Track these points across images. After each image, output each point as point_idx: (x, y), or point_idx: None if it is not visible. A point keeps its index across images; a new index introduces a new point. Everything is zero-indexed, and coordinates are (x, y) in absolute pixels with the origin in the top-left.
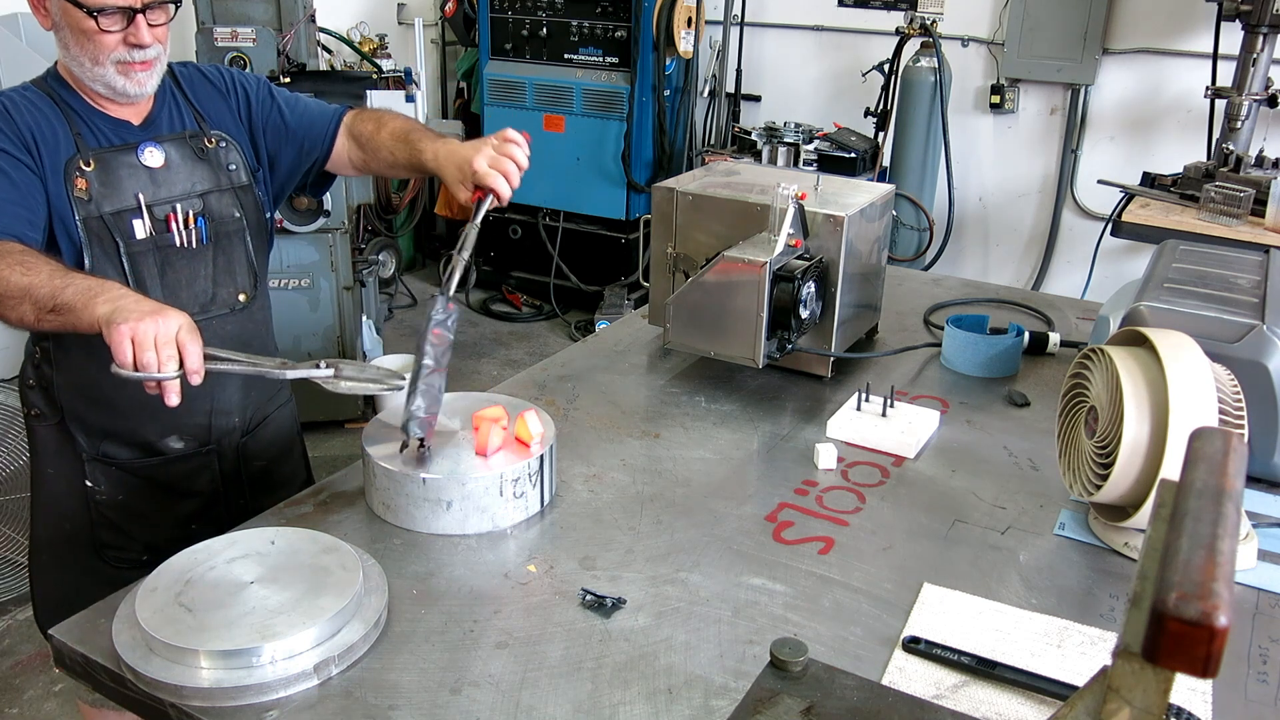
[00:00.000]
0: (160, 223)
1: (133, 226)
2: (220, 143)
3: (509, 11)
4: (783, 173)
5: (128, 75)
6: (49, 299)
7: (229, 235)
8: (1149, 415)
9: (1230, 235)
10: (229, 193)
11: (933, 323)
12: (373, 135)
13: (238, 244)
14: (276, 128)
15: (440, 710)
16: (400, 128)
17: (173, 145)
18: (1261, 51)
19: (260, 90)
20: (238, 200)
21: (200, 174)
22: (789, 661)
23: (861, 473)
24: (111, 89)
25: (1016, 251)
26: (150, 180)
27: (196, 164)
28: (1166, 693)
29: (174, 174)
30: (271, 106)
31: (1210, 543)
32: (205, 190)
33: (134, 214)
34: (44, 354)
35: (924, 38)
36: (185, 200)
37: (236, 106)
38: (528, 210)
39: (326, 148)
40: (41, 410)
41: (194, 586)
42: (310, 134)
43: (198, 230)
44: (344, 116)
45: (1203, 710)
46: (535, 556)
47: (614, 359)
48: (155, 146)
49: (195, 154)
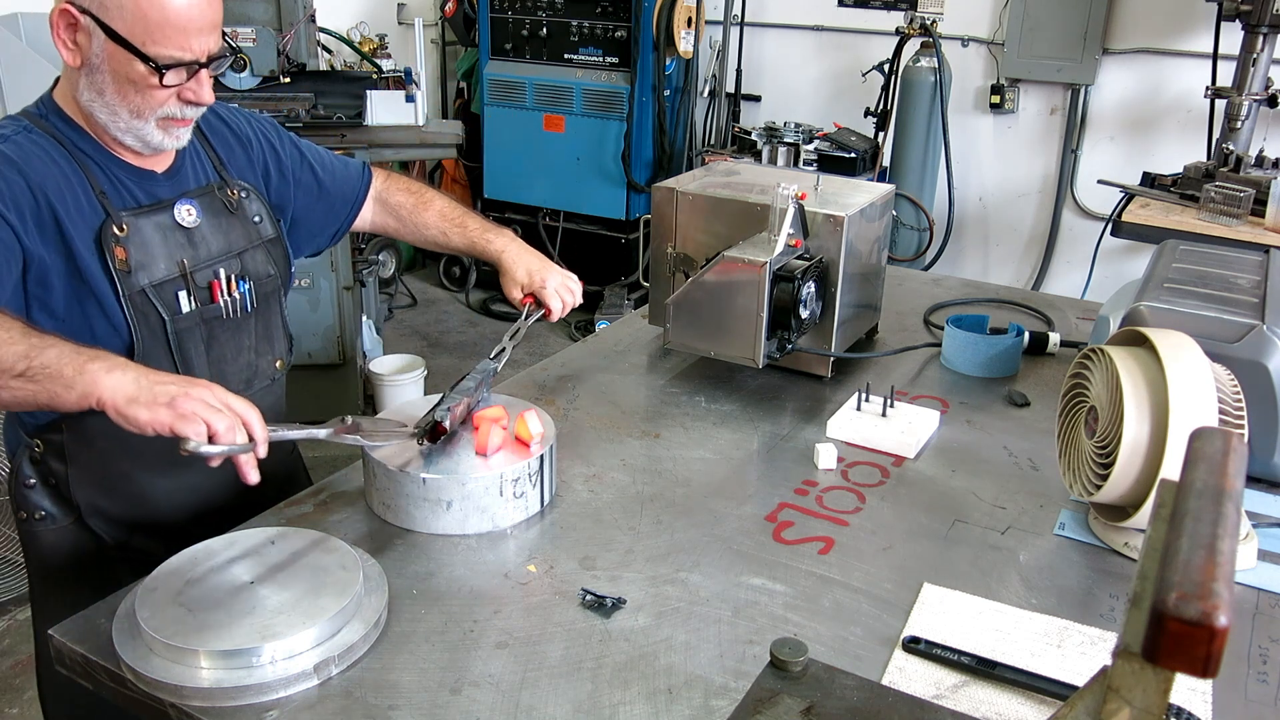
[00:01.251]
0: (203, 291)
1: (178, 299)
2: (243, 193)
3: (509, 11)
4: (783, 173)
5: (167, 130)
6: (19, 359)
7: (266, 297)
8: (1149, 415)
9: (1230, 235)
10: (261, 248)
11: (933, 323)
12: (414, 210)
13: (274, 306)
14: (309, 188)
15: (440, 710)
16: (449, 211)
17: (203, 200)
18: (1261, 51)
19: (286, 144)
20: (269, 255)
21: (234, 231)
22: (789, 661)
23: (861, 473)
24: (145, 143)
25: (1016, 251)
26: (189, 242)
27: (229, 220)
28: (1166, 693)
29: (209, 233)
30: (302, 164)
31: (1210, 543)
32: (241, 249)
33: (177, 284)
34: (49, 448)
35: (924, 38)
36: (224, 262)
37: (262, 159)
38: (528, 210)
39: (356, 211)
40: (48, 513)
41: (194, 586)
42: (342, 195)
43: (241, 296)
44: (372, 180)
45: (1203, 710)
46: (535, 556)
47: (614, 359)
48: (190, 203)
49: (226, 208)
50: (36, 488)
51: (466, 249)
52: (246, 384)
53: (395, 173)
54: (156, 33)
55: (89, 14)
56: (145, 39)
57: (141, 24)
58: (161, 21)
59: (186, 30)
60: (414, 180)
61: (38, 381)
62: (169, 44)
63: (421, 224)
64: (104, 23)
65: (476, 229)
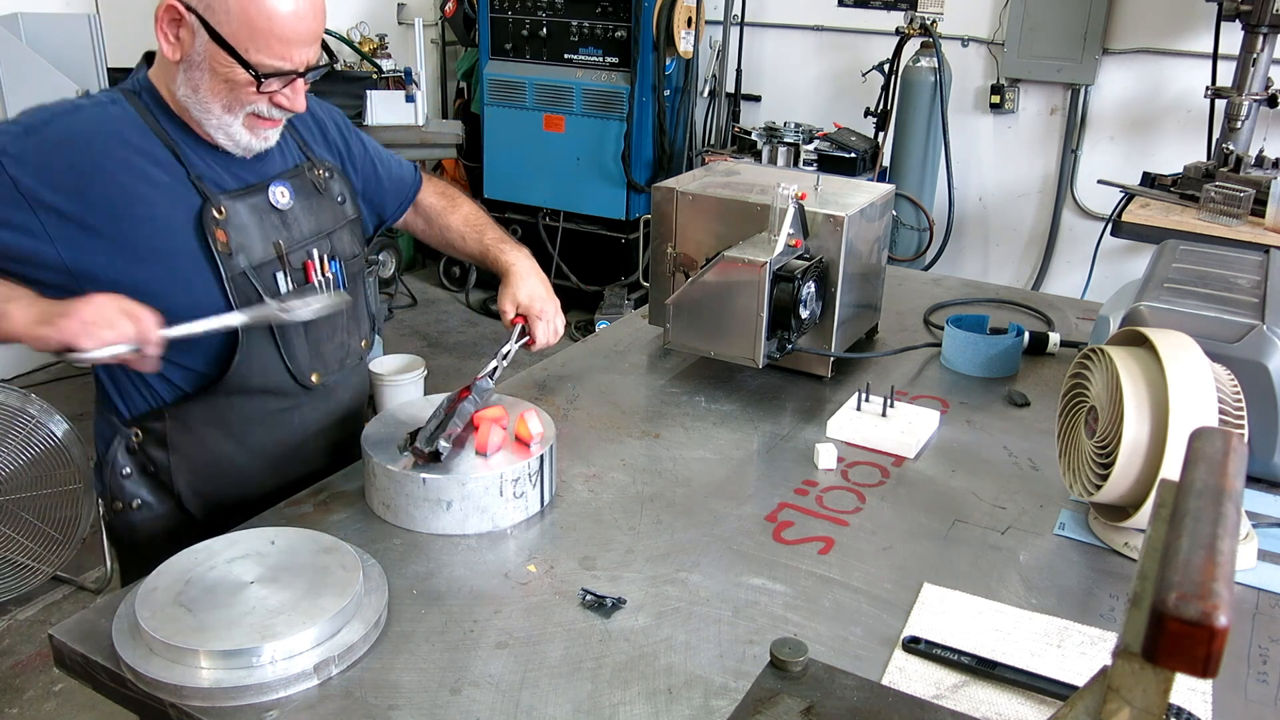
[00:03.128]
0: (298, 272)
1: (276, 280)
2: (327, 174)
3: (509, 11)
4: (783, 173)
5: (254, 130)
6: None
7: (353, 277)
8: (1149, 415)
9: (1230, 235)
10: (346, 229)
11: (933, 323)
12: (442, 213)
13: (360, 286)
14: (369, 180)
15: (440, 710)
16: (473, 217)
17: (295, 181)
18: (1261, 51)
19: (353, 134)
20: (354, 235)
21: (323, 211)
22: (789, 661)
23: (861, 473)
24: (234, 142)
25: (1016, 251)
26: (283, 224)
27: (318, 200)
28: (1166, 693)
29: (301, 214)
30: (365, 156)
31: (1210, 543)
32: (330, 229)
33: (274, 265)
34: (149, 436)
35: (924, 38)
36: (316, 242)
37: (336, 144)
38: (528, 210)
39: (404, 209)
40: (145, 501)
41: (194, 586)
42: (394, 193)
43: (334, 276)
44: (421, 183)
45: (1203, 710)
46: (535, 556)
47: (614, 359)
48: (284, 185)
49: (315, 188)
50: (133, 477)
51: (479, 256)
52: (340, 364)
53: (431, 175)
54: (261, 41)
55: (195, 12)
56: (249, 46)
57: (247, 31)
58: (267, 31)
59: (290, 41)
60: (448, 185)
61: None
62: (271, 53)
63: (445, 227)
64: (209, 24)
65: (493, 239)
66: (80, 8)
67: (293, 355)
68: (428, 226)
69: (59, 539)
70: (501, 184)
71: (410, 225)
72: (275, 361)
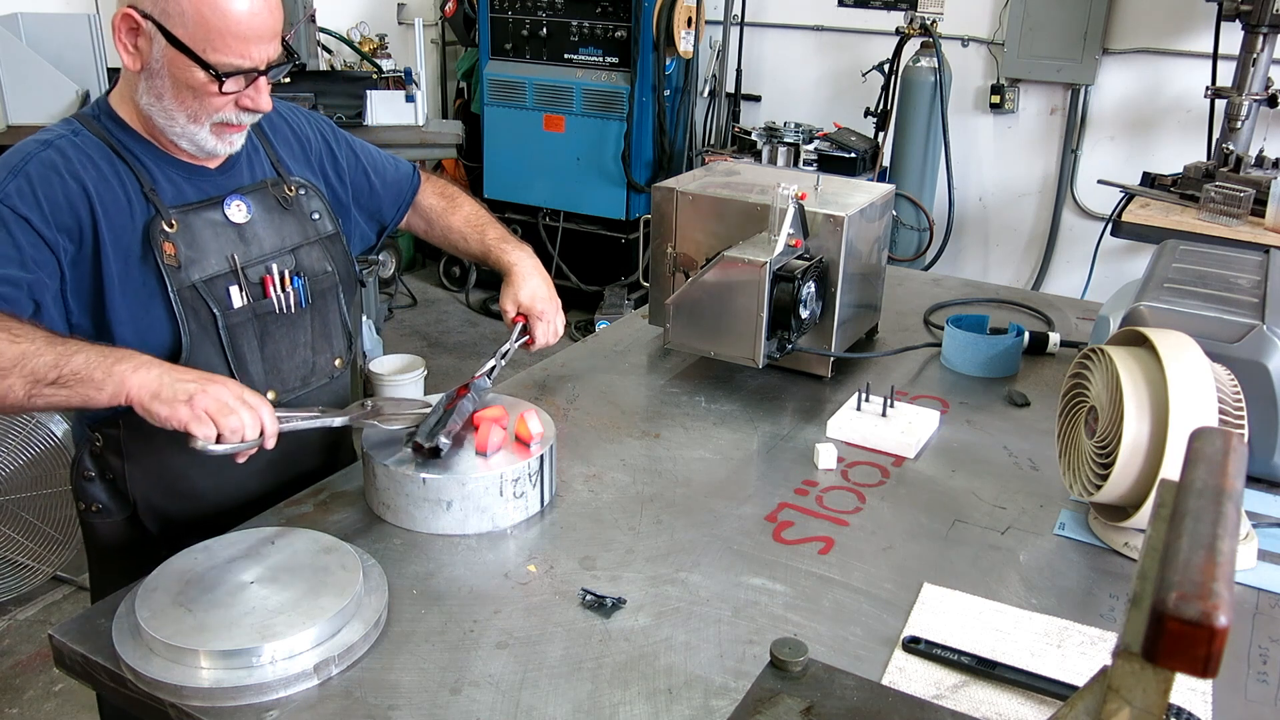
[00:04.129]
0: (256, 286)
1: (229, 294)
2: (300, 190)
3: (509, 11)
4: (783, 173)
5: (221, 136)
6: (49, 368)
7: (323, 294)
8: (1149, 415)
9: (1230, 235)
10: (318, 245)
11: (933, 323)
12: (443, 214)
13: (332, 303)
14: (361, 189)
15: (440, 710)
16: (474, 217)
17: (255, 196)
18: (1261, 51)
19: (342, 145)
20: (327, 252)
21: (288, 227)
22: (789, 661)
23: (861, 473)
24: (199, 148)
25: (1016, 251)
26: (239, 238)
27: (282, 216)
28: (1166, 693)
29: (261, 229)
30: (356, 165)
31: (1210, 543)
32: (295, 245)
33: (228, 279)
34: (108, 442)
35: (924, 38)
36: (278, 258)
37: (319, 158)
38: (528, 210)
39: (403, 213)
40: (104, 505)
41: (194, 586)
42: (391, 197)
43: (295, 292)
44: (421, 184)
45: (1203, 710)
46: (535, 556)
47: (614, 359)
48: (241, 199)
49: (280, 204)
50: (95, 481)
51: (480, 255)
52: (303, 382)
53: (432, 175)
54: (217, 40)
55: (151, 19)
56: (206, 46)
57: (203, 31)
58: (223, 29)
59: (247, 39)
60: (449, 183)
61: (70, 387)
62: (229, 52)
63: (446, 228)
64: (165, 29)
65: (495, 238)
66: (80, 8)
67: (244, 370)
68: (429, 227)
69: (59, 539)
70: (501, 184)
71: (411, 226)
72: (223, 375)
